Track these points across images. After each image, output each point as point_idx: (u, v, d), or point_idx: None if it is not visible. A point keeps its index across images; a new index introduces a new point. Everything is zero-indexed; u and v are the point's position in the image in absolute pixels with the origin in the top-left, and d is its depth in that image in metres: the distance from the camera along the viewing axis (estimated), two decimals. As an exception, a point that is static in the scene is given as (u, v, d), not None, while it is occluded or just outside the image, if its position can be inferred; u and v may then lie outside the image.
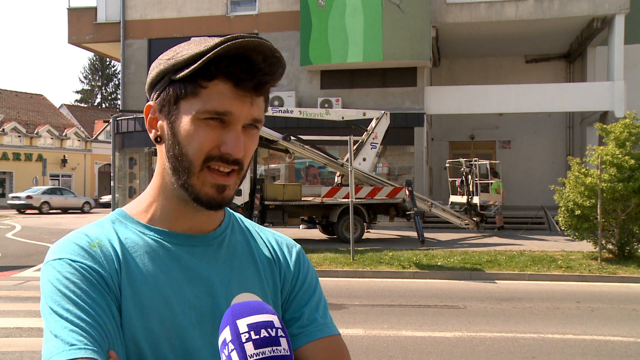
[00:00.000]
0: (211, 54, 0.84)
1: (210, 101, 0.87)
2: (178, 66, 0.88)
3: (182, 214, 0.95)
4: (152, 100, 0.94)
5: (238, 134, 0.88)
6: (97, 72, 57.29)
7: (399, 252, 11.22)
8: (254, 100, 0.89)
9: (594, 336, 5.82)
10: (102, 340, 0.81)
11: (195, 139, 0.88)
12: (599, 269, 9.55)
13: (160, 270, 0.91)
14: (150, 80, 0.94)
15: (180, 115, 0.89)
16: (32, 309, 6.94)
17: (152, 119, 0.94)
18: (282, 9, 19.02)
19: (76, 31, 21.39)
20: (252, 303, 0.80)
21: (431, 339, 5.75)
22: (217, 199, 0.90)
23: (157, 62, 0.93)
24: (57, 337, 0.79)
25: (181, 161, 0.89)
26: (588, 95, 17.99)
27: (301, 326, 0.98)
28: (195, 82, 0.87)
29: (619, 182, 10.18)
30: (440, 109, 18.88)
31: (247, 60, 0.86)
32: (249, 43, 0.84)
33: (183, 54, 0.88)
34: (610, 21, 17.65)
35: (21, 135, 36.39)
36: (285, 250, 1.06)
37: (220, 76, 0.86)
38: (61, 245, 0.90)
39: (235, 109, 0.87)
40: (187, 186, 0.90)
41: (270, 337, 0.76)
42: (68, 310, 0.81)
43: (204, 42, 0.88)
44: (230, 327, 0.77)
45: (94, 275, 0.86)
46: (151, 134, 0.95)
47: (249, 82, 0.87)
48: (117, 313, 0.86)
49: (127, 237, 0.93)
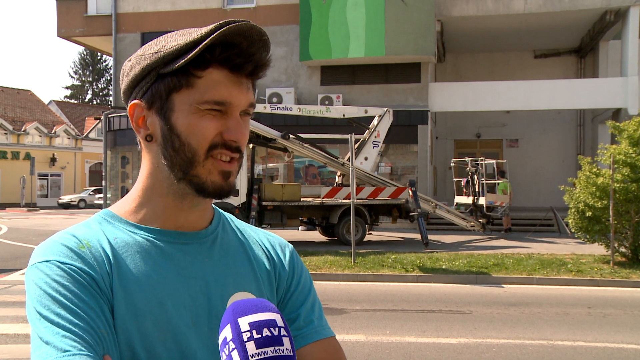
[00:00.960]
0: (208, 41, 0.84)
1: (208, 91, 0.87)
2: (168, 58, 0.88)
3: (176, 211, 0.95)
4: (134, 98, 0.93)
5: (239, 120, 0.90)
6: (88, 67, 56.75)
7: (402, 255, 11.23)
8: (249, 86, 0.91)
9: (606, 343, 5.77)
10: (97, 345, 0.80)
11: (199, 129, 0.88)
12: (611, 273, 9.46)
13: (153, 270, 0.90)
14: (133, 78, 0.92)
15: (175, 109, 0.89)
16: (19, 314, 6.84)
17: (140, 117, 0.93)
18: (281, 2, 19.04)
19: (65, 24, 21.34)
20: (254, 301, 0.79)
21: (435, 346, 5.73)
22: (224, 186, 0.91)
23: (137, 58, 0.92)
24: (49, 343, 0.78)
25: (183, 153, 0.89)
26: (600, 92, 17.90)
27: (297, 328, 0.99)
28: (189, 73, 0.87)
29: (633, 183, 10.18)
30: (445, 106, 18.84)
31: (238, 45, 0.87)
32: (241, 27, 0.85)
33: (172, 45, 0.88)
34: (625, 14, 17.53)
35: (7, 133, 35.78)
36: (278, 249, 1.07)
37: (214, 64, 0.87)
38: (48, 246, 0.88)
39: (234, 97, 0.89)
40: (192, 177, 0.90)
41: (273, 337, 0.74)
42: (59, 314, 0.80)
43: (191, 32, 0.89)
44: (232, 326, 0.75)
45: (85, 277, 0.85)
46: (139, 133, 0.94)
47: (246, 67, 0.89)
48: (110, 316, 0.85)
49: (116, 237, 0.92)
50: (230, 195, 0.94)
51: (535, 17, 17.91)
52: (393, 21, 17.04)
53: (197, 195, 0.92)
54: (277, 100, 18.07)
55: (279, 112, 13.98)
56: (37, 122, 37.45)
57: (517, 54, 22.26)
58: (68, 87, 57.64)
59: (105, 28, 20.67)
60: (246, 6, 19.30)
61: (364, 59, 17.83)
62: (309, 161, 18.18)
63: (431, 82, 18.68)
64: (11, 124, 36.06)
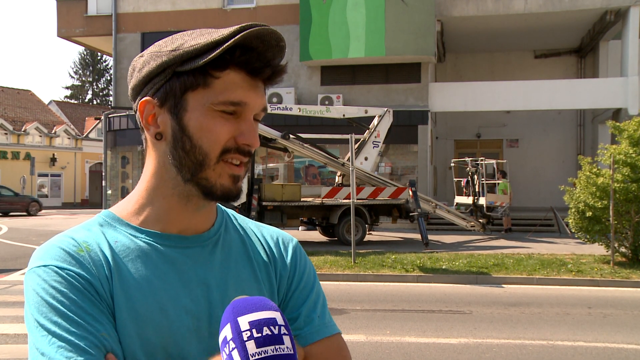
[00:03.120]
0: (231, 42, 0.84)
1: (225, 91, 0.87)
2: (187, 57, 0.87)
3: (179, 213, 0.93)
4: (146, 95, 0.91)
5: (252, 124, 0.90)
6: (88, 67, 56.36)
7: (402, 255, 11.19)
8: (263, 90, 0.91)
9: (606, 344, 5.76)
10: (96, 349, 0.80)
11: (212, 131, 0.87)
12: (611, 273, 9.43)
13: (155, 275, 0.89)
14: (146, 74, 0.90)
15: (188, 108, 0.88)
16: (19, 314, 6.78)
17: (150, 115, 0.91)
18: (281, 2, 18.99)
19: (66, 24, 21.31)
20: (254, 299, 0.78)
21: (435, 346, 5.71)
22: (233, 190, 0.90)
23: (151, 54, 0.91)
24: (44, 355, 0.78)
25: (194, 155, 0.88)
26: (600, 92, 17.84)
27: (298, 327, 0.97)
28: (206, 73, 0.87)
29: (633, 183, 10.11)
30: (445, 106, 18.80)
31: (256, 48, 0.87)
32: (262, 31, 0.85)
33: (191, 43, 0.87)
34: (625, 14, 17.47)
35: (8, 133, 35.50)
36: (281, 246, 1.05)
37: (232, 66, 0.87)
38: (46, 250, 0.87)
39: (250, 99, 0.88)
40: (200, 179, 0.89)
41: (273, 335, 0.74)
42: (55, 323, 0.80)
43: (211, 33, 0.88)
44: (231, 325, 0.75)
45: (83, 282, 0.84)
46: (149, 131, 0.92)
47: (264, 71, 0.88)
48: (111, 319, 0.84)
49: (117, 241, 0.91)
50: (237, 199, 0.92)
51: (535, 17, 17.86)
52: (393, 21, 17.02)
53: (203, 198, 0.91)
54: (277, 100, 18.02)
55: (279, 112, 13.94)
56: (37, 122, 37.22)
57: (517, 54, 22.20)
58: (68, 87, 57.25)
59: (106, 28, 20.64)
60: (246, 6, 19.26)
61: (364, 59, 17.80)
62: (309, 161, 18.16)
63: (431, 82, 18.63)
64: (11, 124, 35.89)
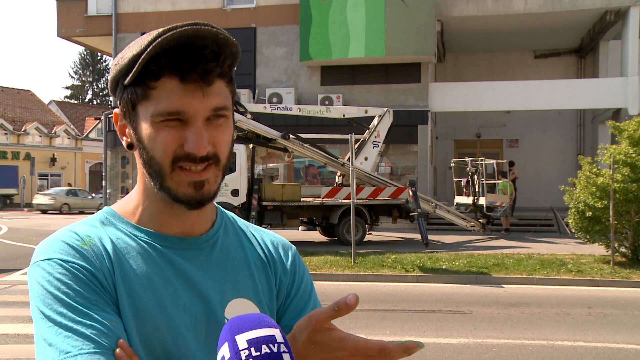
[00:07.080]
0: (144, 55, 0.82)
1: (161, 102, 0.85)
2: (124, 71, 0.87)
3: (170, 215, 0.94)
4: (116, 105, 0.93)
5: (199, 130, 0.86)
6: (88, 67, 56.45)
7: (402, 255, 11.19)
8: (206, 91, 0.85)
9: (606, 344, 5.77)
10: (105, 337, 0.80)
11: (158, 142, 0.87)
12: (611, 273, 9.44)
13: (154, 272, 0.90)
14: (109, 88, 0.93)
15: (139, 121, 0.88)
16: (19, 314, 6.80)
17: (122, 126, 0.93)
18: (281, 2, 18.95)
19: (66, 24, 21.27)
20: (251, 316, 0.76)
21: (435, 346, 5.69)
22: (196, 197, 0.88)
23: (113, 64, 0.92)
24: (52, 345, 0.79)
25: (152, 166, 0.89)
26: (600, 92, 17.83)
27: None
28: (144, 84, 0.85)
29: (633, 183, 10.09)
30: (445, 106, 18.79)
31: (188, 50, 0.83)
32: (183, 33, 0.82)
33: (127, 55, 0.87)
34: (625, 14, 17.46)
35: (8, 133, 35.57)
36: (281, 252, 1.05)
37: (165, 73, 0.84)
38: (49, 244, 0.88)
39: (186, 106, 0.85)
40: (164, 188, 0.89)
41: (272, 354, 0.72)
42: (62, 314, 0.80)
43: (141, 41, 0.85)
44: (229, 344, 0.73)
45: (87, 274, 0.84)
46: (123, 141, 0.94)
47: (193, 73, 0.84)
48: (116, 310, 0.85)
49: (118, 237, 0.92)
50: (206, 205, 0.91)
51: (535, 17, 17.84)
52: (393, 21, 17.01)
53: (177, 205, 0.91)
54: (277, 100, 18.01)
55: (279, 112, 13.96)
56: (37, 122, 37.25)
57: (517, 54, 22.18)
58: (68, 87, 57.34)
59: (106, 28, 20.61)
60: (246, 6, 19.22)
61: (364, 59, 17.78)
62: (309, 161, 18.15)
63: (431, 82, 18.62)
64: (11, 124, 35.89)
